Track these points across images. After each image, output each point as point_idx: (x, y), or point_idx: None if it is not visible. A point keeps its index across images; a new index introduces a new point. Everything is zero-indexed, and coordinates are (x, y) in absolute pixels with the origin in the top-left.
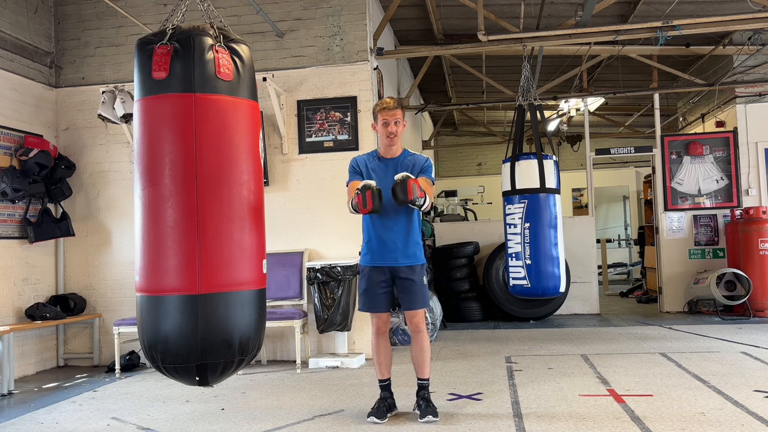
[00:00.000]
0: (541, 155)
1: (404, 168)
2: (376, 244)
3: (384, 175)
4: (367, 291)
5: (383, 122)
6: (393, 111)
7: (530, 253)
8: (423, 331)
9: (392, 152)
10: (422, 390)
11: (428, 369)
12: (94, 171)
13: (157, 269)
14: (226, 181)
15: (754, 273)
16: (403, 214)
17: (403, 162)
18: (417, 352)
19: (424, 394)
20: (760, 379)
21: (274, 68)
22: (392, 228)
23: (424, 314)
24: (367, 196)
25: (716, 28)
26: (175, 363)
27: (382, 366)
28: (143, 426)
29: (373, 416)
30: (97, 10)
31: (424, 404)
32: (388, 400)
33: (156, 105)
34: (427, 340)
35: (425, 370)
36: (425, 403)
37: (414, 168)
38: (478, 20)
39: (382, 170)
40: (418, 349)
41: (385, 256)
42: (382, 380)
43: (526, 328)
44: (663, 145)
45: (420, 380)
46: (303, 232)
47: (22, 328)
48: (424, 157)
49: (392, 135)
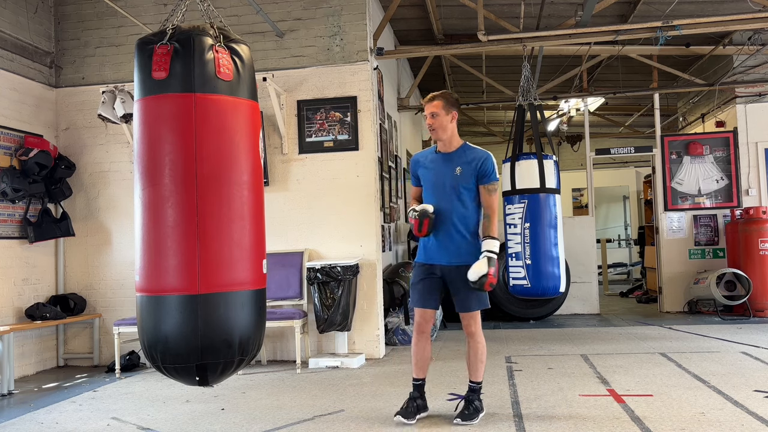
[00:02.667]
0: (541, 155)
1: (461, 164)
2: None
3: (438, 170)
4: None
5: (425, 116)
6: (429, 103)
7: (530, 253)
8: (474, 333)
9: (447, 146)
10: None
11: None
12: (94, 171)
13: (157, 269)
14: (226, 181)
15: (754, 273)
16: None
17: (460, 157)
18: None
19: (469, 396)
20: (760, 379)
21: (274, 68)
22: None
23: (478, 315)
24: (424, 224)
25: (716, 28)
26: (175, 363)
27: (416, 365)
28: (143, 426)
29: (400, 416)
30: (97, 10)
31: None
32: (417, 400)
33: (156, 105)
34: (475, 344)
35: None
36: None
37: (471, 165)
38: (478, 20)
39: (438, 165)
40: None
41: (436, 255)
42: (415, 379)
43: (526, 328)
44: (663, 145)
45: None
46: (303, 232)
47: (22, 328)
48: (484, 153)
49: (430, 128)
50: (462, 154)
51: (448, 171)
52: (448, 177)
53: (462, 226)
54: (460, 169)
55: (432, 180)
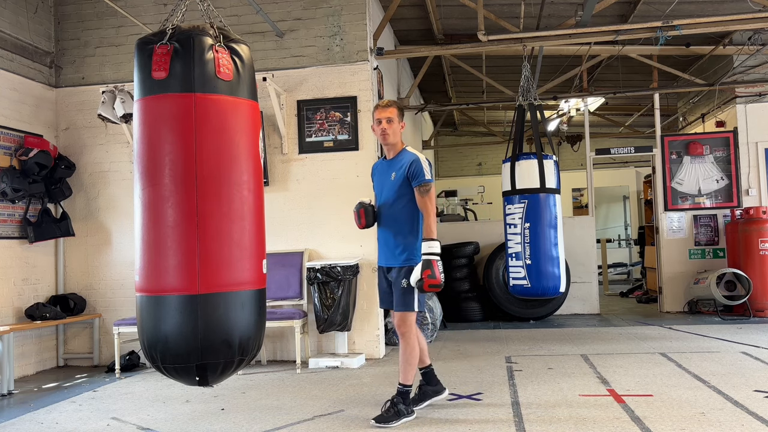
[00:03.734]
0: (541, 155)
1: (396, 168)
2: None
3: (381, 176)
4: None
5: (376, 121)
6: (384, 108)
7: (530, 253)
8: (403, 334)
9: (392, 152)
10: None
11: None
12: (94, 171)
13: (157, 269)
14: (226, 181)
15: (754, 273)
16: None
17: (397, 162)
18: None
19: (393, 398)
20: (760, 379)
21: (274, 68)
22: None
23: (406, 317)
24: (360, 214)
25: (716, 28)
26: (175, 363)
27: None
28: (143, 426)
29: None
30: (97, 10)
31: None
32: (424, 387)
33: (156, 105)
34: (404, 344)
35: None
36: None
37: (403, 168)
38: (478, 20)
39: (383, 172)
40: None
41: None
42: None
43: (526, 328)
44: (663, 145)
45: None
46: (303, 232)
47: (22, 328)
48: (412, 156)
49: (383, 133)
50: (398, 159)
51: (387, 177)
52: (386, 182)
53: (397, 228)
54: (394, 174)
55: (377, 186)
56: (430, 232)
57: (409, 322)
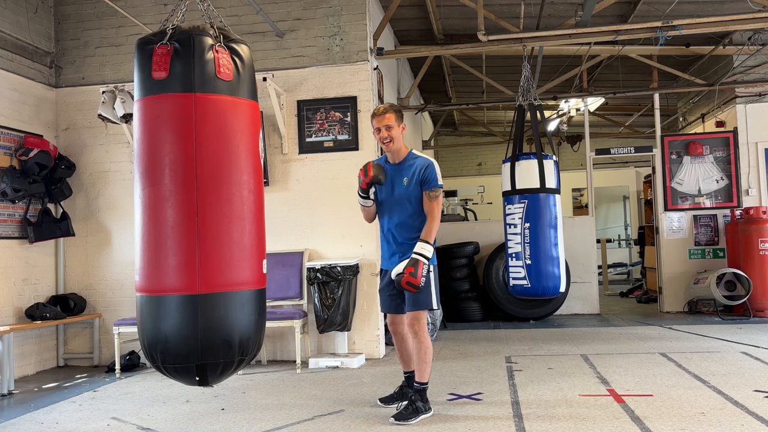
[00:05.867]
0: (541, 155)
1: (408, 173)
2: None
3: (390, 181)
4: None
5: (375, 129)
6: (381, 116)
7: (530, 253)
8: (417, 333)
9: (395, 157)
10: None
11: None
12: (94, 171)
13: (157, 269)
14: (226, 181)
15: (754, 273)
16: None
17: (408, 167)
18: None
19: (411, 395)
20: (760, 379)
21: (274, 68)
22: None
23: (420, 315)
24: (368, 168)
25: (716, 28)
26: (175, 363)
27: (400, 360)
28: (143, 426)
29: (380, 401)
30: (97, 10)
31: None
32: (405, 389)
33: (156, 105)
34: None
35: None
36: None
37: (416, 173)
38: (478, 20)
39: (392, 176)
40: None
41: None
42: (404, 372)
43: (526, 328)
44: (663, 145)
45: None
46: (303, 232)
47: (22, 328)
48: (425, 161)
49: (385, 140)
50: (407, 163)
51: (399, 181)
52: (398, 187)
53: (409, 234)
54: (407, 179)
55: (385, 191)
56: (429, 236)
57: (423, 321)
